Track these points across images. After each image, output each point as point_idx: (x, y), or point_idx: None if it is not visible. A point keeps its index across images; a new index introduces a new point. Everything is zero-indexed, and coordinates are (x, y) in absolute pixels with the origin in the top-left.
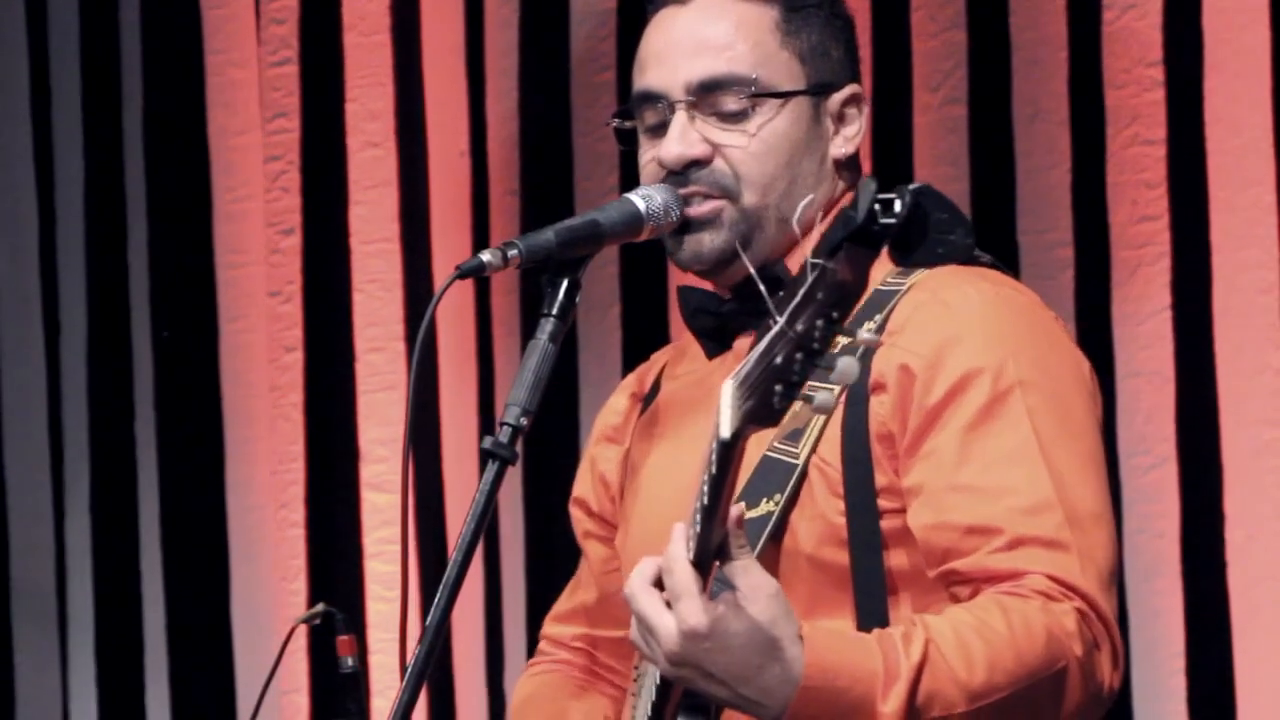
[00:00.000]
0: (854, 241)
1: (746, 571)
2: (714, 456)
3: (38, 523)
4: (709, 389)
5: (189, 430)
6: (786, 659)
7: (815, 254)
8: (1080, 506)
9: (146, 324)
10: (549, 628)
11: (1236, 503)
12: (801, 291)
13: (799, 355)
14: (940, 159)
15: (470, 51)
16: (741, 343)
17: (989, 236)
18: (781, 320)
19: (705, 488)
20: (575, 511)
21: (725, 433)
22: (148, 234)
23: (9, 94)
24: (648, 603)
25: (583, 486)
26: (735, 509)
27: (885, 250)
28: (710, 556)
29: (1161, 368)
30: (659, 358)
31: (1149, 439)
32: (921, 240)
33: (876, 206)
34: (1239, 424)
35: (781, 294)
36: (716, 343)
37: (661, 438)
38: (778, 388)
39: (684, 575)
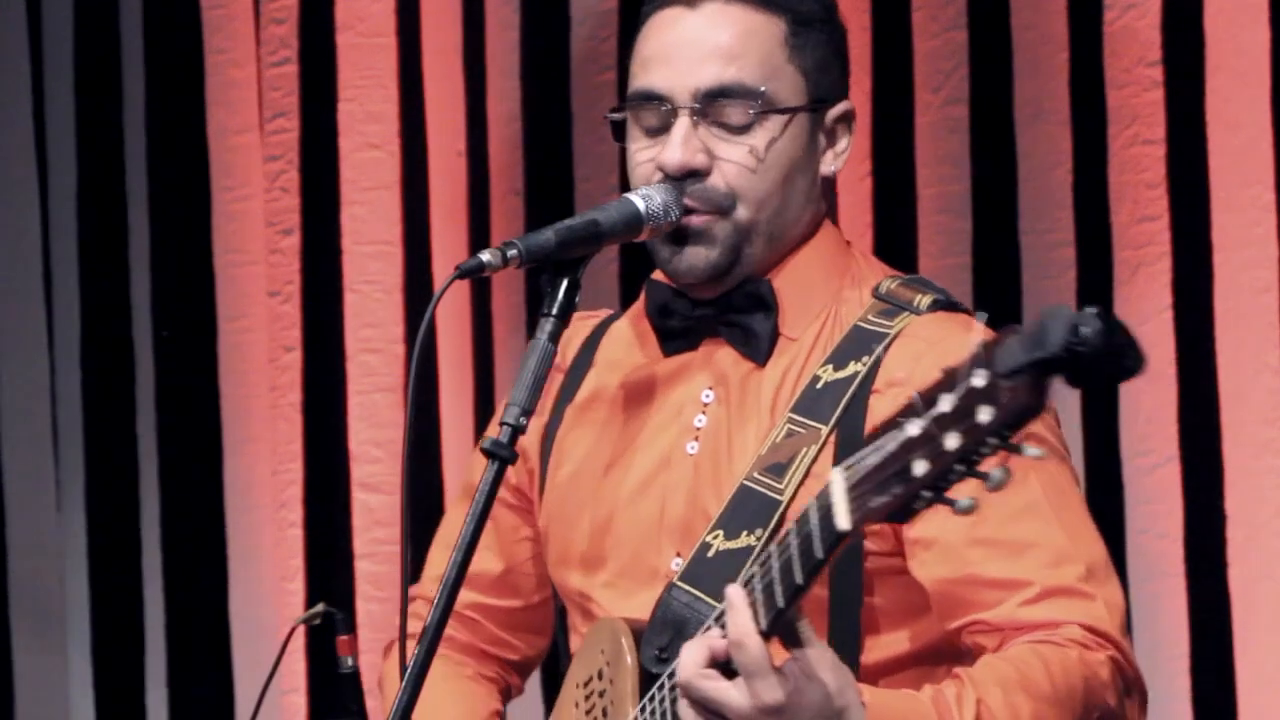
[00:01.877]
0: (1042, 369)
1: (811, 642)
2: (819, 542)
3: (37, 522)
4: (667, 386)
5: (188, 430)
6: None
7: (977, 365)
8: (1092, 556)
9: (146, 324)
10: (433, 591)
11: (1237, 502)
12: (956, 403)
13: (959, 466)
14: (941, 159)
15: (471, 52)
16: (710, 347)
17: (990, 237)
18: (925, 423)
19: (797, 566)
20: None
21: (844, 525)
22: (148, 234)
23: (8, 93)
24: (709, 687)
25: None
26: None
27: (871, 274)
28: (777, 629)
29: (1163, 368)
30: (576, 330)
31: (1151, 439)
32: (1100, 365)
33: (1071, 336)
34: (1239, 423)
35: (917, 395)
36: (680, 340)
37: (608, 428)
38: (925, 493)
39: (758, 651)
